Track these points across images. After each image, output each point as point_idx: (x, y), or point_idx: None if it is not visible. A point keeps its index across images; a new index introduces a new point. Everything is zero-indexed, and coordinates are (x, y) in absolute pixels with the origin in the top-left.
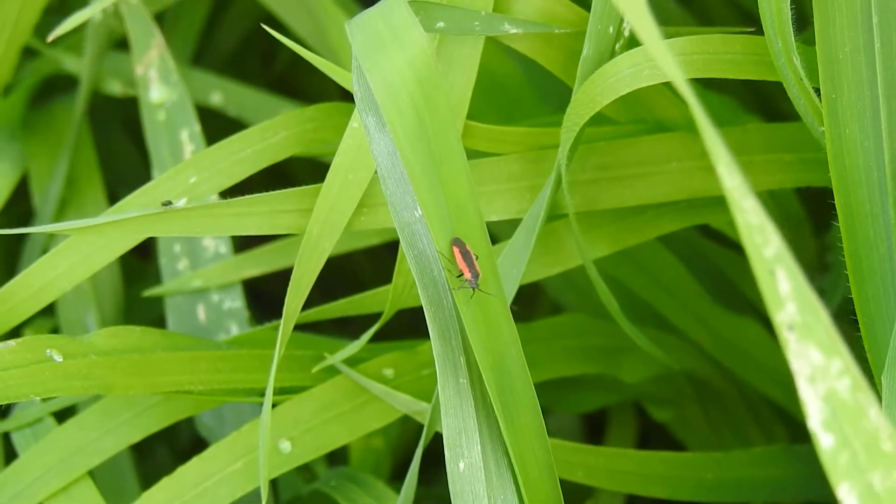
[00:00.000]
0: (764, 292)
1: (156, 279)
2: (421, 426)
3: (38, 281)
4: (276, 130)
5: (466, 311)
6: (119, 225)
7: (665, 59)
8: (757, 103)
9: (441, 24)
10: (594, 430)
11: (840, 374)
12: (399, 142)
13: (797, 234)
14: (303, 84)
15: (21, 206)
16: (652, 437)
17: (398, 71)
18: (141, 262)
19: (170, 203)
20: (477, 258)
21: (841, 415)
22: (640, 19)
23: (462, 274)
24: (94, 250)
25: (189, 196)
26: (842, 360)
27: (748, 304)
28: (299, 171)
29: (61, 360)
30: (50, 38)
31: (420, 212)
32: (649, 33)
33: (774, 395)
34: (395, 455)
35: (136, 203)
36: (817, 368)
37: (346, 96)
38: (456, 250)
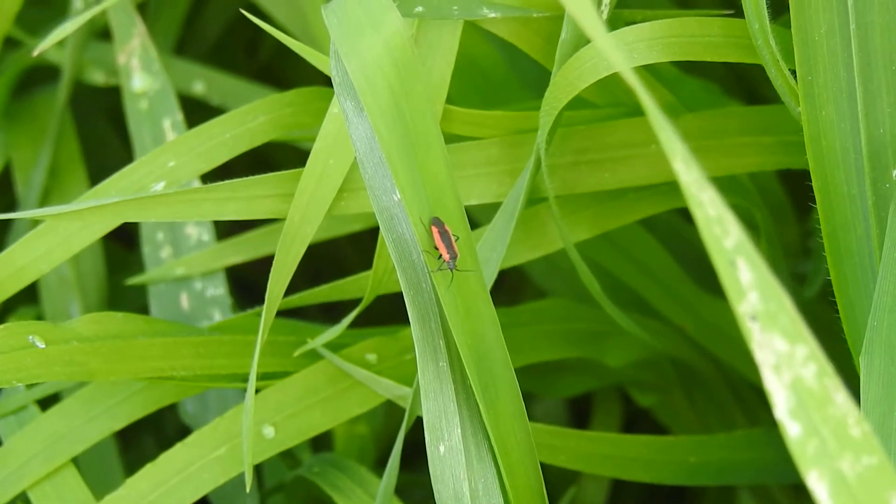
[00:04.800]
0: (725, 284)
1: (139, 269)
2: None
3: (18, 262)
4: (255, 115)
5: (445, 294)
6: (98, 210)
7: (609, 47)
8: (740, 88)
9: (420, 9)
10: (580, 416)
11: (806, 361)
12: (376, 125)
13: (780, 218)
14: (287, 74)
15: (4, 196)
16: (637, 423)
17: (374, 54)
18: (124, 251)
19: None
20: (457, 239)
21: (808, 402)
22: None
23: (441, 255)
24: (73, 233)
25: (168, 180)
26: (807, 346)
27: None
28: (281, 159)
29: (44, 346)
30: (36, 52)
31: (398, 196)
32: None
33: (758, 379)
34: (380, 443)
35: (116, 186)
36: (782, 356)
37: (328, 83)
38: (434, 230)
